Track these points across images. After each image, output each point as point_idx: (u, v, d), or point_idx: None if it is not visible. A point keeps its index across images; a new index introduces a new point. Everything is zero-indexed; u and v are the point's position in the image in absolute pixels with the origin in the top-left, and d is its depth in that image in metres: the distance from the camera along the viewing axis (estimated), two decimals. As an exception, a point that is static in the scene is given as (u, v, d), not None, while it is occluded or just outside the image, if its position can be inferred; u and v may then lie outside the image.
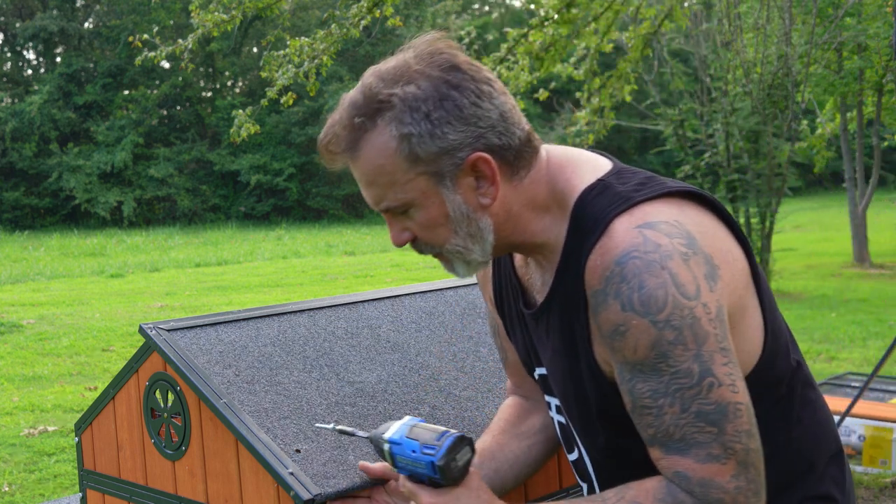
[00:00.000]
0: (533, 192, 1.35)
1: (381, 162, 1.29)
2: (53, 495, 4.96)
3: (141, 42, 7.09)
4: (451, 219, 1.32)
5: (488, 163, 1.30)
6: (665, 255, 1.24)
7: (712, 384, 1.24)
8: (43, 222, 29.98)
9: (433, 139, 1.27)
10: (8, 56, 33.92)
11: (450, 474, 1.33)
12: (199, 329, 1.82)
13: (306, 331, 1.92)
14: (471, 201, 1.32)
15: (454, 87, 1.27)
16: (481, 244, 1.34)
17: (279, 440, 1.59)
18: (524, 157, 1.33)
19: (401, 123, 1.27)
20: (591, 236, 1.29)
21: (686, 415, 1.25)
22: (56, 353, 8.58)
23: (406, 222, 1.35)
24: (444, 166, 1.29)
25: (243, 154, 30.88)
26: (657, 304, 1.23)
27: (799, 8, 11.73)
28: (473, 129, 1.28)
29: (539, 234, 1.37)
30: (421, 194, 1.30)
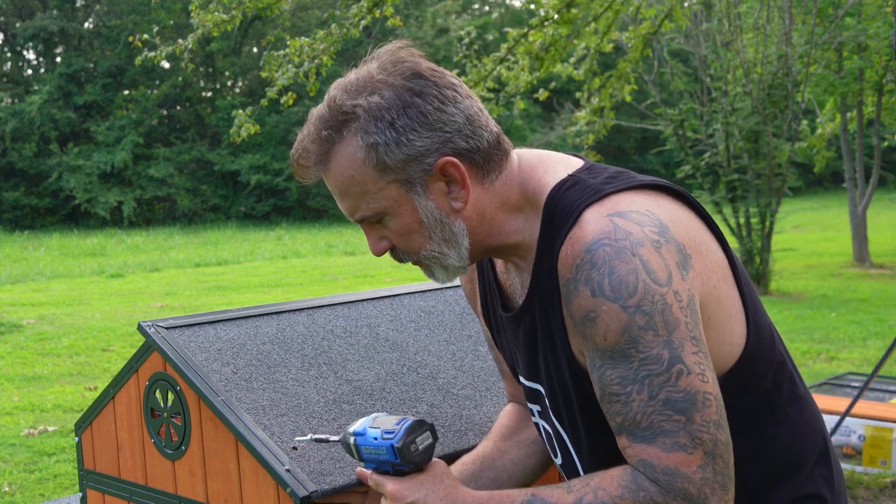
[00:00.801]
0: (505, 193, 1.36)
1: (352, 173, 1.31)
2: (53, 495, 4.96)
3: (141, 42, 7.09)
4: (425, 225, 1.33)
5: (457, 166, 1.31)
6: (636, 242, 1.24)
7: (681, 371, 1.23)
8: (43, 222, 29.98)
9: (399, 147, 1.29)
10: (8, 56, 33.93)
11: (409, 457, 1.34)
12: (197, 327, 1.82)
13: (305, 329, 1.92)
14: (443, 206, 1.33)
15: (417, 94, 1.29)
16: (457, 249, 1.35)
17: (276, 437, 1.60)
18: (494, 160, 1.35)
19: (366, 133, 1.29)
20: (563, 228, 1.29)
21: (654, 402, 1.23)
22: (56, 353, 8.59)
23: (382, 231, 1.37)
24: (413, 173, 1.30)
25: (243, 154, 30.88)
26: (628, 289, 1.23)
27: (799, 8, 11.74)
28: (439, 133, 1.29)
29: (513, 234, 1.37)
30: (393, 202, 1.32)
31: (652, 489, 1.23)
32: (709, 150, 11.42)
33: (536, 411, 1.51)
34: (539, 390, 1.45)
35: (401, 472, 1.36)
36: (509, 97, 7.82)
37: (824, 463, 1.46)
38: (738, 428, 1.34)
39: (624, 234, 1.25)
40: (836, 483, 1.47)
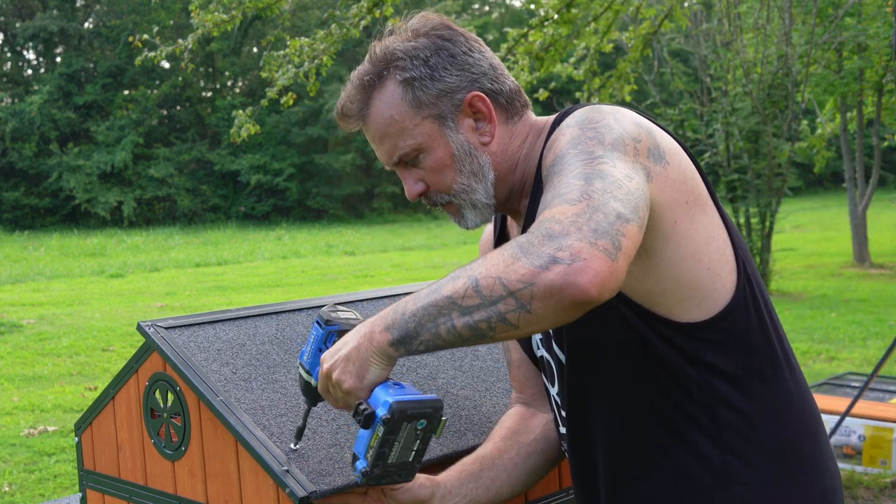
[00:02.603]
0: (524, 134, 1.47)
1: (391, 113, 1.43)
2: (53, 495, 4.96)
3: (141, 42, 7.10)
4: (456, 158, 1.43)
5: (484, 101, 1.43)
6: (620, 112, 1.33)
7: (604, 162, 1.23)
8: (43, 222, 29.99)
9: (433, 82, 1.41)
10: (8, 56, 33.94)
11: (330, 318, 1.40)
12: (197, 327, 1.82)
13: (305, 329, 1.92)
14: (472, 140, 1.43)
15: (447, 40, 1.43)
16: (483, 183, 1.44)
17: (276, 438, 1.59)
18: (515, 105, 1.47)
19: (404, 70, 1.41)
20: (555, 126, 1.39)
21: (569, 178, 1.22)
22: (56, 353, 8.59)
23: (418, 173, 1.46)
24: (445, 108, 1.42)
25: (243, 154, 30.89)
26: (591, 121, 1.30)
27: (799, 8, 11.74)
28: (468, 73, 1.42)
29: (524, 168, 1.47)
30: (428, 138, 1.42)
31: (524, 235, 1.18)
32: (709, 150, 11.43)
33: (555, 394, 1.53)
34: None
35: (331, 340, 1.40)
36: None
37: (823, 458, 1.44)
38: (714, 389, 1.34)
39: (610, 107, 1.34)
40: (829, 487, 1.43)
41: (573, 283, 1.11)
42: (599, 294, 1.12)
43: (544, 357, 1.53)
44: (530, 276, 1.13)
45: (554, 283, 1.12)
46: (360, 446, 1.34)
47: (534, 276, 1.13)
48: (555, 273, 1.12)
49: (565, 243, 1.13)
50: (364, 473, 1.33)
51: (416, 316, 1.22)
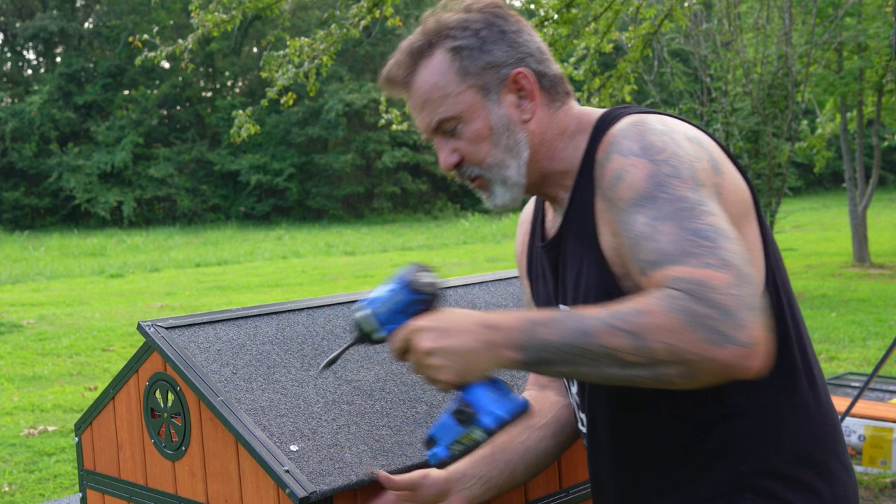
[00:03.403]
0: (565, 123, 1.47)
1: (436, 79, 1.44)
2: (53, 495, 4.96)
3: (141, 42, 7.10)
4: (494, 131, 1.43)
5: (527, 78, 1.44)
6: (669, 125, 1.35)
7: (708, 212, 1.26)
8: (43, 222, 29.99)
9: (481, 53, 1.42)
10: (8, 56, 33.93)
11: (421, 286, 1.35)
12: (197, 327, 1.82)
13: (305, 329, 1.92)
14: (512, 116, 1.44)
15: (499, 17, 1.45)
16: (517, 160, 1.45)
17: (276, 438, 1.60)
18: (558, 90, 1.48)
19: (454, 39, 1.43)
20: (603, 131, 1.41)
21: (683, 232, 1.23)
22: (56, 353, 8.59)
23: (454, 143, 1.46)
24: (489, 80, 1.43)
25: (243, 154, 30.89)
26: (656, 148, 1.31)
27: (799, 8, 11.74)
28: (515, 51, 1.44)
29: (565, 160, 1.47)
30: (469, 108, 1.43)
31: (682, 297, 1.18)
32: (709, 150, 11.41)
33: None
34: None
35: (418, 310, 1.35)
36: (509, 97, 7.82)
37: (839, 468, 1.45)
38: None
39: (659, 119, 1.36)
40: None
41: (746, 366, 1.17)
42: (762, 371, 1.19)
43: None
44: (706, 351, 1.16)
45: (729, 362, 1.16)
46: (446, 436, 1.35)
47: (709, 351, 1.16)
48: (731, 353, 1.16)
49: (739, 323, 1.16)
50: (443, 463, 1.36)
51: (557, 351, 1.23)
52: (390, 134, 28.98)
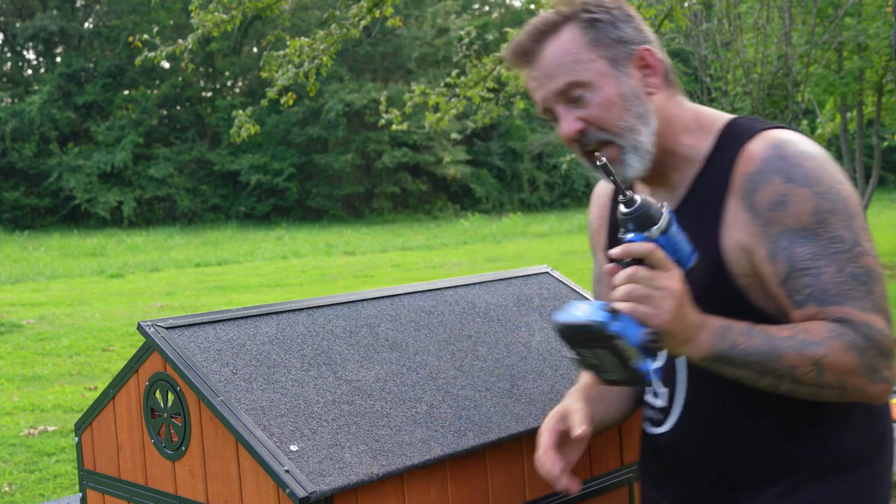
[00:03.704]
0: (680, 112, 1.57)
1: (567, 47, 1.51)
2: (53, 495, 4.96)
3: (141, 42, 7.10)
4: (625, 97, 1.50)
5: (653, 54, 1.54)
6: (815, 150, 1.48)
7: (861, 252, 1.42)
8: (43, 222, 29.99)
9: (614, 28, 1.52)
10: (8, 56, 33.93)
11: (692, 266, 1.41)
12: (197, 327, 1.82)
13: (305, 329, 1.93)
14: (639, 86, 1.52)
15: (624, 6, 1.56)
16: (648, 127, 1.52)
17: (276, 438, 1.60)
18: (671, 78, 1.58)
19: (589, 13, 1.52)
20: (741, 140, 1.50)
21: (841, 274, 1.41)
22: (56, 353, 8.59)
23: (579, 112, 1.52)
24: (618, 53, 1.52)
25: (243, 154, 30.89)
26: (815, 178, 1.44)
27: (799, 8, 11.74)
28: (640, 34, 1.54)
29: (684, 147, 1.56)
30: (599, 75, 1.50)
31: (855, 336, 1.38)
32: (709, 150, 11.41)
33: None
34: None
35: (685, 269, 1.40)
36: (509, 97, 7.82)
37: None
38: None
39: (805, 141, 1.48)
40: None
41: (885, 398, 1.44)
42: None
43: None
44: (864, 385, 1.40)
45: (875, 395, 1.42)
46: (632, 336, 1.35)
47: (866, 386, 1.41)
48: (880, 389, 1.42)
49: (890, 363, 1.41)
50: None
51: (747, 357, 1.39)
52: (390, 134, 28.97)
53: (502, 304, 2.25)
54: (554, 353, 2.11)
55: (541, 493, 1.91)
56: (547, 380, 2.00)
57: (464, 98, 7.38)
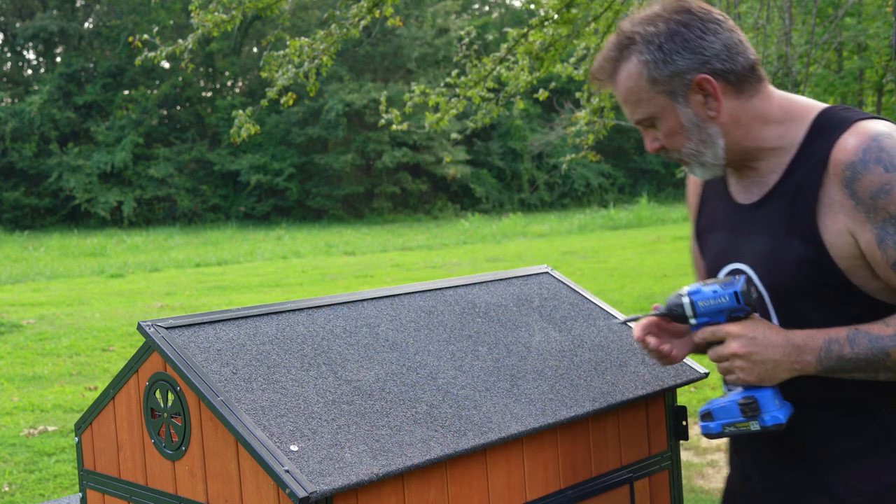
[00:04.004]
0: (763, 108, 1.67)
1: (630, 85, 1.66)
2: (53, 495, 4.96)
3: (141, 42, 7.10)
4: (685, 128, 1.66)
5: (710, 82, 1.62)
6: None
7: None
8: (43, 222, 29.99)
9: (665, 65, 1.62)
10: (8, 56, 33.93)
11: (749, 299, 1.60)
12: (197, 327, 1.82)
13: (305, 329, 1.93)
14: (700, 114, 1.65)
15: (683, 25, 1.63)
16: (712, 149, 1.67)
17: (276, 438, 1.60)
18: (748, 81, 1.65)
19: (641, 54, 1.64)
20: (838, 130, 1.59)
21: None
22: (56, 353, 8.59)
23: (655, 133, 1.70)
24: (675, 86, 1.63)
25: (243, 154, 30.89)
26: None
27: (799, 8, 11.74)
28: (699, 56, 1.62)
29: (771, 140, 1.67)
30: (660, 109, 1.66)
31: None
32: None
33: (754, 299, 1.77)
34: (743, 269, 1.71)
35: (734, 319, 1.61)
36: (509, 97, 7.83)
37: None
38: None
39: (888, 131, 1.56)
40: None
41: None
42: None
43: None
44: None
45: None
46: (724, 417, 1.63)
47: None
48: None
49: None
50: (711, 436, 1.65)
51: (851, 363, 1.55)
52: (390, 134, 28.99)
53: (502, 304, 2.25)
54: (554, 353, 2.11)
55: (541, 493, 1.91)
56: (547, 380, 2.00)
57: (464, 98, 7.39)
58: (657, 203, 29.38)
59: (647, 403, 2.15)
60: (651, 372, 2.15)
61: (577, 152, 9.21)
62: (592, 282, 12.24)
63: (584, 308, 2.35)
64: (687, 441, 2.47)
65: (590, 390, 2.01)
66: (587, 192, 33.39)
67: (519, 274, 2.42)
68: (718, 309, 1.62)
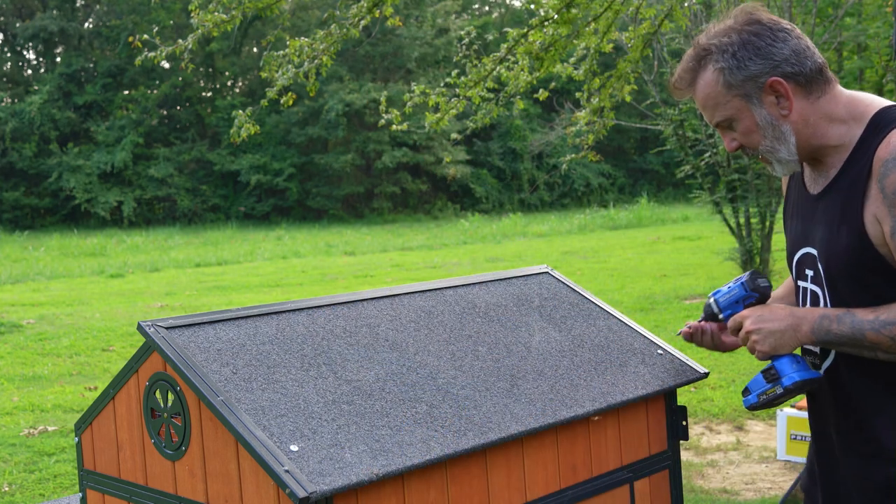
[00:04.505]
0: (830, 108, 1.83)
1: (708, 91, 1.86)
2: (53, 495, 4.96)
3: (141, 42, 7.10)
4: (760, 126, 1.84)
5: (781, 84, 1.80)
6: None
7: None
8: (43, 222, 29.99)
9: (739, 70, 1.81)
10: (8, 56, 33.93)
11: (755, 286, 1.96)
12: (197, 327, 1.82)
13: (305, 329, 1.93)
14: (773, 113, 1.83)
15: (754, 35, 1.82)
16: (786, 145, 1.84)
17: (275, 438, 1.60)
18: (816, 83, 1.83)
19: (716, 62, 1.83)
20: (887, 129, 1.76)
21: None
22: (56, 353, 8.59)
23: (732, 134, 1.89)
24: (749, 89, 1.82)
25: (243, 154, 30.88)
26: None
27: (799, 8, 11.74)
28: (769, 61, 1.80)
29: (835, 138, 1.84)
30: (737, 111, 1.85)
31: None
32: (709, 150, 11.42)
33: (810, 276, 1.95)
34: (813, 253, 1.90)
35: (748, 306, 1.95)
36: (509, 97, 7.82)
37: None
38: None
39: None
40: None
41: None
42: None
43: (808, 288, 1.96)
44: None
45: None
46: (757, 388, 1.92)
47: None
48: None
49: None
50: (753, 407, 1.93)
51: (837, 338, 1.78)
52: (390, 134, 28.98)
53: (502, 304, 2.25)
54: (554, 353, 2.11)
55: (541, 492, 1.91)
56: (547, 380, 2.00)
57: (464, 98, 7.38)
58: (657, 203, 29.37)
59: (647, 403, 2.15)
60: (651, 372, 2.15)
61: (577, 152, 9.21)
62: (592, 282, 12.24)
63: (584, 308, 2.35)
64: (687, 441, 2.47)
65: (590, 390, 2.01)
66: (587, 192, 33.38)
67: (519, 274, 2.42)
68: (734, 300, 1.98)
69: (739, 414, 5.83)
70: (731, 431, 5.56)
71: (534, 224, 24.73)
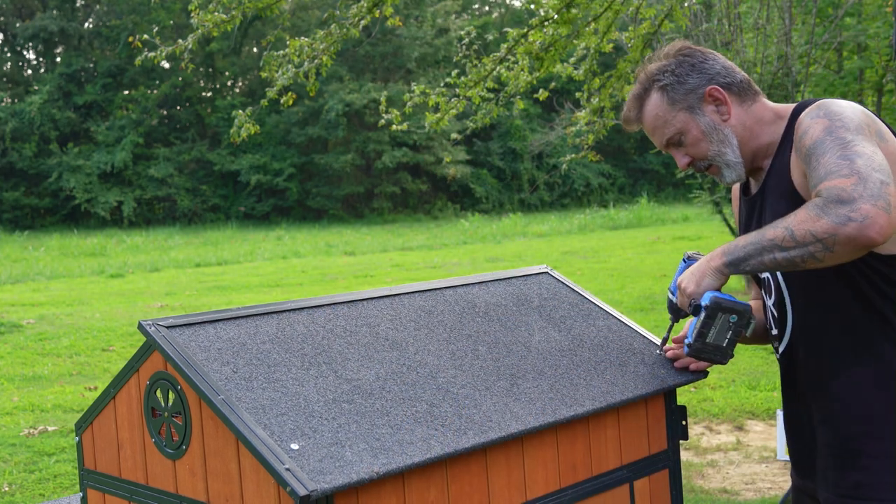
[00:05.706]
0: (761, 113, 2.03)
1: (656, 112, 2.04)
2: (53, 495, 4.97)
3: (141, 42, 7.10)
4: (706, 133, 2.01)
5: (719, 91, 2.00)
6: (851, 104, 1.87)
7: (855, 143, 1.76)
8: (43, 222, 29.98)
9: (680, 85, 2.02)
10: (8, 56, 33.93)
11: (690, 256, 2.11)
12: (197, 326, 1.83)
13: (305, 328, 1.93)
14: (715, 119, 2.01)
15: (688, 56, 2.04)
16: (730, 147, 2.01)
17: (276, 436, 1.60)
18: (746, 92, 2.03)
19: (659, 82, 2.03)
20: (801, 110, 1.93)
21: (834, 159, 1.75)
22: (56, 353, 8.59)
23: (683, 150, 2.05)
24: (692, 101, 2.01)
25: (243, 154, 30.88)
26: (834, 112, 1.84)
27: (799, 8, 11.74)
28: (705, 75, 2.02)
29: (767, 136, 2.01)
30: (683, 124, 2.02)
31: (818, 200, 1.72)
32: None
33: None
34: None
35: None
36: (509, 97, 7.82)
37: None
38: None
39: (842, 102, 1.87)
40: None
41: (866, 235, 1.66)
42: (882, 239, 1.67)
43: (766, 277, 2.07)
44: (833, 229, 1.69)
45: (851, 234, 1.67)
46: (690, 329, 2.01)
47: (836, 229, 1.68)
48: (852, 227, 1.67)
49: (855, 206, 1.67)
50: (688, 346, 1.97)
51: (745, 249, 1.83)
52: (390, 134, 28.97)
53: (502, 304, 2.25)
54: (553, 352, 2.12)
55: (540, 492, 1.91)
56: (546, 379, 2.00)
57: (464, 98, 7.38)
58: (657, 203, 29.37)
59: (647, 403, 2.15)
60: (651, 372, 2.15)
61: (577, 152, 9.21)
62: (592, 282, 12.24)
63: (583, 308, 2.35)
64: (687, 441, 2.47)
65: (589, 390, 2.01)
66: (587, 192, 33.39)
67: (519, 274, 2.42)
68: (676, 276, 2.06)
69: (739, 414, 5.83)
70: (731, 431, 5.56)
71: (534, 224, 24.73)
